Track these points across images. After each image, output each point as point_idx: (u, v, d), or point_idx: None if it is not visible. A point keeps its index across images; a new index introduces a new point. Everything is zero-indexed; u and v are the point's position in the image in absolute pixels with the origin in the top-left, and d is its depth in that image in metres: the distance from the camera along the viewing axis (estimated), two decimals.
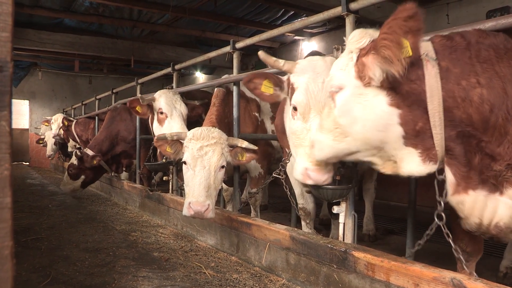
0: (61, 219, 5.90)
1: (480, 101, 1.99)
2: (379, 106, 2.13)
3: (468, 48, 2.07)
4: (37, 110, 17.44)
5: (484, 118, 2.00)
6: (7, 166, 0.95)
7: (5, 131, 0.94)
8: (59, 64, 16.18)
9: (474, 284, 2.13)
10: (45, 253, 4.11)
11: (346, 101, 2.23)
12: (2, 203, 0.94)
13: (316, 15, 3.73)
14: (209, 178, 3.75)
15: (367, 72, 2.12)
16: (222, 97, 4.87)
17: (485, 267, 3.63)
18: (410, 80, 2.07)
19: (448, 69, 2.05)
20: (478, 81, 2.00)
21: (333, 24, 10.14)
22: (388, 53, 1.97)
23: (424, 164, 2.17)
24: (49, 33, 11.43)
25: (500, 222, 2.14)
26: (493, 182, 2.10)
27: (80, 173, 7.35)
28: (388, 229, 5.72)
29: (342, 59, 2.32)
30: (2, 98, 0.93)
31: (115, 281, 3.34)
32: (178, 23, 11.00)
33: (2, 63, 0.93)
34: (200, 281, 3.38)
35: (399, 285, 2.51)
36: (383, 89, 2.11)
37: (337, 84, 2.28)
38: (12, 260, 0.94)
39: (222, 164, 3.87)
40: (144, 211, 6.47)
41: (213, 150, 3.82)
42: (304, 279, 3.21)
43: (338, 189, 3.06)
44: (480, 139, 2.06)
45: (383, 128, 2.14)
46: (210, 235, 4.54)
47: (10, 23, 0.94)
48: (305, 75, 3.00)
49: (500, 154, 2.03)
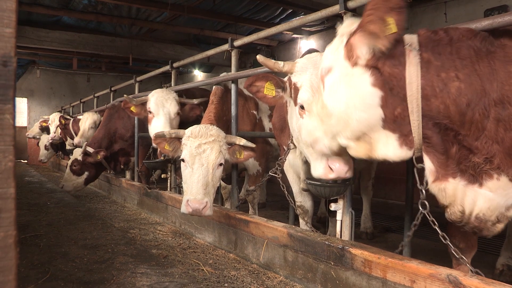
0: (59, 216, 5.91)
1: (458, 93, 2.05)
2: (363, 85, 2.18)
3: (450, 43, 2.13)
4: (35, 108, 17.44)
5: (460, 111, 2.06)
6: (11, 157, 0.97)
7: (9, 123, 0.96)
8: (58, 62, 16.17)
9: (470, 280, 2.15)
10: (44, 250, 4.12)
11: (334, 81, 2.30)
12: (6, 194, 0.97)
13: (314, 13, 3.75)
14: (207, 175, 3.77)
15: (355, 51, 2.18)
16: (220, 95, 4.89)
17: (482, 264, 3.66)
18: (393, 64, 2.13)
19: (429, 61, 2.11)
20: (457, 75, 2.06)
21: (331, 22, 10.15)
22: (373, 27, 2.04)
23: (400, 148, 2.23)
24: (48, 31, 11.43)
25: (480, 213, 2.20)
26: (472, 173, 2.17)
27: (84, 168, 7.29)
28: (385, 227, 5.75)
29: (334, 43, 2.40)
30: (6, 92, 0.96)
31: (114, 278, 3.35)
32: (177, 21, 11.01)
33: (7, 58, 0.95)
34: (198, 278, 3.39)
35: (395, 282, 2.53)
36: (368, 68, 2.17)
37: (326, 66, 2.35)
38: (16, 248, 0.97)
39: (220, 161, 3.89)
40: (142, 209, 6.48)
41: (211, 148, 3.83)
42: (302, 276, 3.23)
43: (335, 186, 3.07)
44: (457, 132, 2.12)
45: (364, 107, 2.19)
46: (208, 232, 4.55)
47: (14, 20, 0.96)
48: (307, 73, 2.99)
49: (478, 148, 2.10)
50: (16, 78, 0.98)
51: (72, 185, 7.37)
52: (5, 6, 0.96)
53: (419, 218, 2.56)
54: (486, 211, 2.19)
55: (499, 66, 2.06)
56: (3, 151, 0.97)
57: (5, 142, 0.97)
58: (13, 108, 0.99)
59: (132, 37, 12.47)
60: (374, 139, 2.28)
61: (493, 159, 2.09)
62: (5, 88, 0.96)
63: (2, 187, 0.96)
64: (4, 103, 0.97)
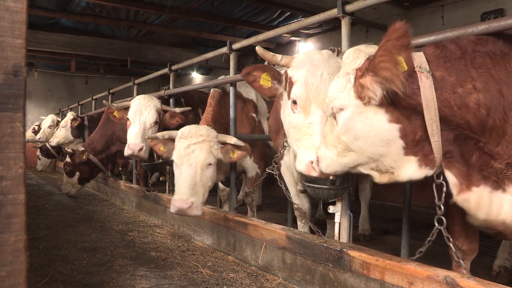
0: (58, 219, 5.92)
1: (477, 106, 2.04)
2: (379, 123, 2.19)
3: (463, 56, 2.12)
4: (33, 110, 17.40)
5: (481, 122, 2.05)
6: (21, 164, 1.00)
7: (19, 131, 0.99)
8: (56, 64, 16.15)
9: (467, 282, 2.17)
10: (43, 253, 4.13)
11: (348, 120, 2.29)
12: (17, 199, 0.99)
13: (312, 16, 3.77)
14: (195, 175, 3.81)
15: (367, 93, 2.17)
16: (218, 97, 4.90)
17: (479, 266, 3.68)
18: (406, 95, 2.11)
19: (443, 78, 2.10)
20: (474, 86, 2.05)
21: (329, 25, 10.19)
22: (388, 74, 2.02)
23: (420, 169, 2.24)
24: (46, 33, 11.43)
25: (507, 220, 2.18)
26: (495, 179, 2.15)
27: (74, 169, 7.49)
28: (383, 229, 5.77)
29: (340, 80, 2.37)
30: (17, 101, 0.98)
31: (113, 280, 3.36)
32: (175, 23, 11.03)
33: (17, 68, 0.98)
34: (197, 280, 3.41)
35: (393, 284, 2.55)
36: (382, 106, 2.17)
37: (338, 105, 2.33)
38: (26, 252, 1.00)
39: (209, 161, 3.92)
40: (141, 211, 6.49)
41: (200, 148, 3.88)
42: (300, 278, 3.25)
43: (333, 189, 3.09)
44: (478, 140, 2.11)
45: (384, 143, 2.21)
46: (207, 235, 4.56)
47: (25, 31, 0.99)
48: (303, 68, 3.01)
49: (499, 154, 2.09)
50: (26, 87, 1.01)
51: (70, 186, 7.58)
52: (16, 18, 0.99)
53: (434, 234, 2.54)
54: None
55: None
56: (14, 158, 0.99)
57: (16, 149, 1.00)
58: (23, 117, 1.02)
59: (130, 39, 12.48)
60: (397, 167, 2.30)
61: None
62: (16, 97, 0.99)
63: (13, 193, 0.99)
64: (15, 112, 0.99)
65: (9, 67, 0.98)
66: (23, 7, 1.00)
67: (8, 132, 1.00)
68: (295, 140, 3.05)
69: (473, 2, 7.16)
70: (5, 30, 0.98)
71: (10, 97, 1.01)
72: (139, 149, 5.19)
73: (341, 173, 2.64)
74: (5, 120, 1.00)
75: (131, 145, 5.21)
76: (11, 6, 0.98)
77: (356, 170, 2.49)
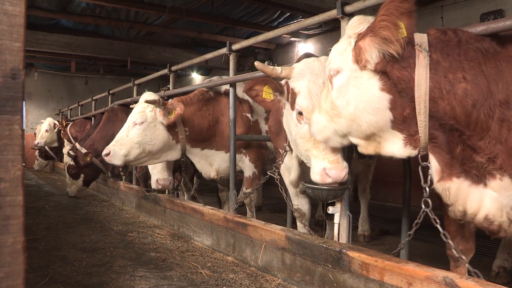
0: (58, 219, 5.92)
1: (464, 95, 2.09)
2: (372, 89, 2.25)
3: (459, 45, 2.17)
4: (33, 111, 17.39)
5: (466, 112, 2.10)
6: (19, 166, 1.02)
7: (17, 134, 1.01)
8: (56, 64, 16.14)
9: (466, 282, 2.18)
10: (43, 253, 4.13)
11: (343, 83, 2.35)
12: (15, 201, 1.01)
13: (311, 17, 3.78)
14: (124, 130, 4.63)
15: (364, 55, 2.23)
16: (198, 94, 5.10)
17: (479, 266, 3.68)
18: (402, 67, 2.18)
19: (438, 62, 2.15)
20: (464, 76, 2.10)
21: (329, 26, 10.19)
22: (387, 33, 2.08)
23: (405, 147, 2.31)
24: (46, 34, 11.42)
25: (489, 215, 2.21)
26: (476, 173, 2.20)
27: (79, 172, 7.60)
28: (383, 230, 5.77)
29: (341, 44, 2.43)
30: (15, 104, 1.00)
31: (113, 281, 3.37)
32: (175, 24, 11.02)
33: (15, 71, 0.99)
34: (197, 281, 3.41)
35: (392, 284, 2.55)
36: (377, 73, 2.23)
37: (335, 67, 2.40)
38: (24, 253, 1.02)
39: (136, 121, 4.59)
40: (140, 212, 6.49)
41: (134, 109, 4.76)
42: (300, 278, 3.25)
43: (333, 189, 3.10)
44: (462, 132, 2.16)
45: (373, 111, 2.26)
46: (206, 235, 4.57)
47: (23, 34, 1.00)
48: (305, 79, 3.07)
49: (481, 148, 2.14)
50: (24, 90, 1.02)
51: (75, 188, 7.74)
52: (14, 21, 1.00)
53: (421, 216, 2.59)
54: (496, 212, 2.20)
55: (505, 66, 2.10)
56: (12, 160, 1.01)
57: (14, 151, 1.01)
58: (21, 119, 1.04)
59: (130, 40, 12.47)
60: (383, 138, 2.36)
61: (496, 159, 2.12)
62: (14, 100, 1.01)
63: (11, 195, 1.00)
64: (14, 114, 1.01)
65: (7, 70, 0.99)
66: (21, 10, 1.01)
67: (6, 134, 1.01)
68: (304, 150, 3.12)
69: (473, 3, 7.16)
70: (3, 34, 1.00)
71: (8, 99, 1.02)
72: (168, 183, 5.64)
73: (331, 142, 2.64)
74: (3, 122, 1.02)
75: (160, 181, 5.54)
76: (9, 10, 1.00)
77: (346, 139, 2.54)
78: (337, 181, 2.93)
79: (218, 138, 5.03)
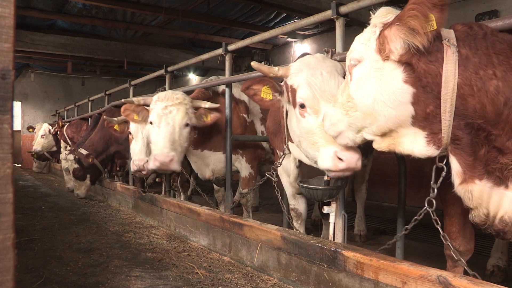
0: (54, 220, 5.91)
1: (496, 92, 2.00)
2: (394, 81, 2.14)
3: (485, 38, 2.09)
4: (29, 111, 17.38)
5: (497, 110, 2.01)
6: (9, 165, 1.04)
7: (7, 133, 1.03)
8: (52, 65, 16.14)
9: (460, 281, 2.19)
10: (38, 254, 4.13)
11: (363, 73, 2.25)
12: (5, 199, 1.03)
13: (307, 18, 3.80)
14: (174, 133, 4.11)
15: (388, 45, 2.13)
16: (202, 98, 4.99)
17: (473, 265, 3.70)
18: (429, 60, 2.08)
19: (468, 57, 2.06)
20: (495, 73, 2.01)
21: (325, 26, 10.23)
22: (415, 23, 1.99)
23: (427, 146, 2.18)
24: (42, 35, 11.42)
25: (505, 216, 2.15)
26: (499, 175, 2.12)
27: (85, 173, 7.81)
28: (379, 230, 5.79)
29: (365, 33, 2.32)
30: (4, 103, 1.02)
31: (109, 281, 3.37)
32: (172, 25, 11.05)
33: (5, 71, 1.01)
34: (193, 281, 3.41)
35: (387, 283, 2.56)
36: (401, 64, 2.13)
37: (356, 56, 2.30)
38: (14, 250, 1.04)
39: (187, 122, 4.24)
40: (137, 212, 6.49)
41: (177, 109, 4.19)
42: (295, 278, 3.26)
43: (328, 189, 3.11)
44: (489, 132, 2.07)
45: (394, 104, 2.15)
46: (202, 235, 4.57)
47: (12, 35, 1.03)
48: (302, 73, 3.00)
49: (509, 148, 2.05)
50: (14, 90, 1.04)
51: (84, 189, 7.97)
52: (3, 23, 1.03)
53: (422, 214, 2.55)
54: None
55: None
56: (2, 158, 1.03)
57: (3, 150, 1.04)
58: (11, 118, 1.06)
59: (127, 40, 12.48)
60: (401, 135, 2.25)
61: None
62: (4, 100, 1.03)
63: (1, 192, 1.02)
64: (3, 114, 1.04)
65: None
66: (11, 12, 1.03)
67: None
68: (311, 145, 2.94)
69: (468, 3, 7.19)
70: None
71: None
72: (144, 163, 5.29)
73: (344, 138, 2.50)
74: None
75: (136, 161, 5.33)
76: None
77: (360, 135, 2.41)
78: (350, 166, 2.72)
79: (216, 138, 5.03)
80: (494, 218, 2.20)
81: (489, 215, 2.21)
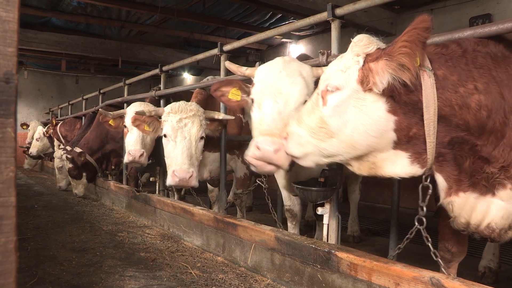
0: (47, 219, 5.89)
1: (478, 107, 2.02)
2: (377, 111, 2.13)
3: (464, 55, 2.11)
4: (22, 109, 17.26)
5: (481, 124, 2.04)
6: (12, 168, 1.05)
7: (10, 137, 1.04)
8: (46, 63, 16.04)
9: (452, 282, 2.21)
10: (32, 253, 4.11)
11: (341, 102, 2.21)
12: (8, 202, 1.04)
13: (302, 19, 3.81)
14: (191, 147, 4.01)
15: (374, 78, 2.10)
16: (200, 98, 4.97)
17: (465, 267, 3.73)
18: (409, 90, 2.08)
19: (446, 77, 2.08)
20: (476, 86, 2.03)
21: (320, 27, 10.24)
22: (406, 60, 1.98)
23: (412, 165, 2.20)
24: (36, 32, 11.34)
25: (492, 223, 2.19)
26: (485, 184, 2.15)
27: (80, 172, 7.76)
28: (372, 231, 5.82)
29: (345, 60, 2.28)
30: (8, 107, 1.02)
31: (102, 281, 3.37)
32: (167, 24, 11.02)
33: (9, 75, 1.02)
34: (186, 281, 3.42)
35: (380, 285, 2.58)
36: (383, 96, 2.12)
37: (335, 84, 2.24)
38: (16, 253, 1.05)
39: (202, 135, 4.14)
40: (130, 212, 6.48)
41: (192, 122, 4.06)
42: (289, 279, 3.28)
43: (322, 190, 3.13)
44: (474, 144, 2.09)
45: (376, 133, 2.15)
46: (196, 235, 4.58)
47: (16, 39, 1.03)
48: (264, 71, 3.09)
49: (495, 157, 2.08)
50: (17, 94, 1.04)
51: (82, 187, 7.94)
52: (8, 27, 1.03)
53: (413, 232, 2.59)
54: (499, 220, 2.18)
55: None
56: (5, 162, 1.04)
57: (6, 154, 1.04)
58: (14, 122, 1.07)
59: (121, 39, 12.43)
60: (380, 158, 2.25)
61: (509, 167, 2.08)
62: (8, 104, 1.03)
63: (3, 195, 1.03)
64: (7, 118, 1.04)
65: (1, 74, 1.02)
66: (15, 16, 1.04)
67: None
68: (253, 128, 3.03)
69: (462, 7, 7.25)
70: None
71: (2, 103, 1.04)
72: (139, 155, 5.26)
73: (310, 160, 2.43)
74: None
75: (131, 151, 5.28)
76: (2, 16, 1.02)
77: (328, 159, 2.37)
78: (265, 155, 2.69)
79: (214, 139, 5.04)
80: (476, 225, 2.24)
81: (470, 223, 2.25)
